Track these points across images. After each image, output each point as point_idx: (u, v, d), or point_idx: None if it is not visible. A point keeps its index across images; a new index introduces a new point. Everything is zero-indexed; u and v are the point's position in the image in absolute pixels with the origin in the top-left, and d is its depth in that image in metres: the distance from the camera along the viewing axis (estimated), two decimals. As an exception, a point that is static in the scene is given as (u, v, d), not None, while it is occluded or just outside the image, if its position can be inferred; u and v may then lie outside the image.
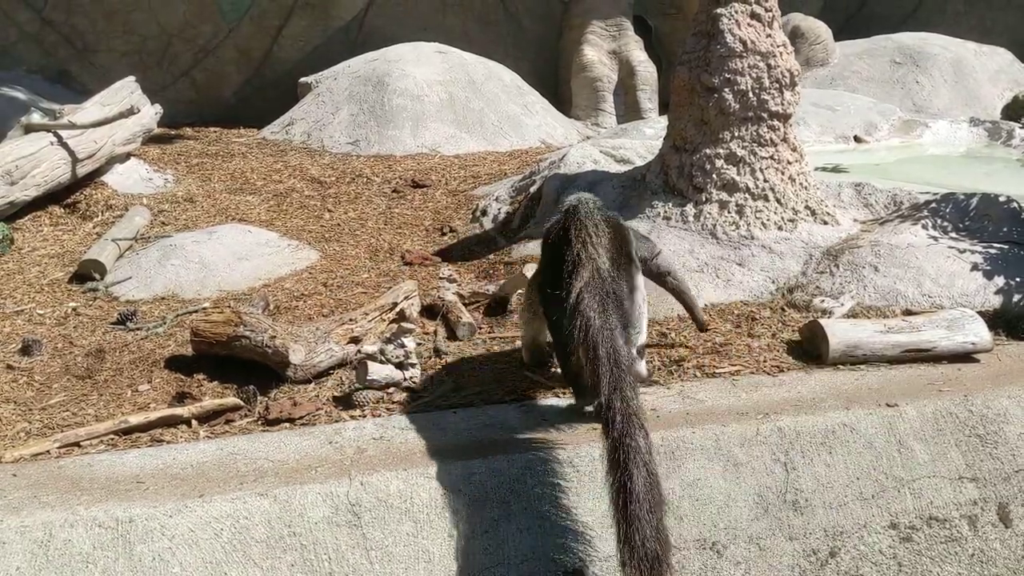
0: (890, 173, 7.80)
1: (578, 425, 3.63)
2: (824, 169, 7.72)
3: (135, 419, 3.87)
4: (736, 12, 5.31)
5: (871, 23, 13.44)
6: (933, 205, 5.57)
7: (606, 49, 11.66)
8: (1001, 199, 5.56)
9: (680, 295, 4.24)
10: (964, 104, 11.39)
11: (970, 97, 11.57)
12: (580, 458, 3.38)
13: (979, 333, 4.22)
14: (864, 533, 3.42)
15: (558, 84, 12.14)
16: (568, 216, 3.60)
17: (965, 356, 4.23)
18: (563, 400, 3.89)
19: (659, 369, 4.24)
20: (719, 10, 5.33)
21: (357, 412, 3.86)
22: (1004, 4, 13.99)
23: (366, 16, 11.84)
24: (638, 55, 11.52)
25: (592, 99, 11.43)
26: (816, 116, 8.83)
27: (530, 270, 4.90)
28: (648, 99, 11.39)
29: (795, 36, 11.72)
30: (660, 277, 4.16)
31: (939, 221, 5.43)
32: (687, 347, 4.44)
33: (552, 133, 10.11)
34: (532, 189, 6.42)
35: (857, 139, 8.58)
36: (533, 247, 5.79)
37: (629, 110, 11.38)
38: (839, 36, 12.50)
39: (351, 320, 4.39)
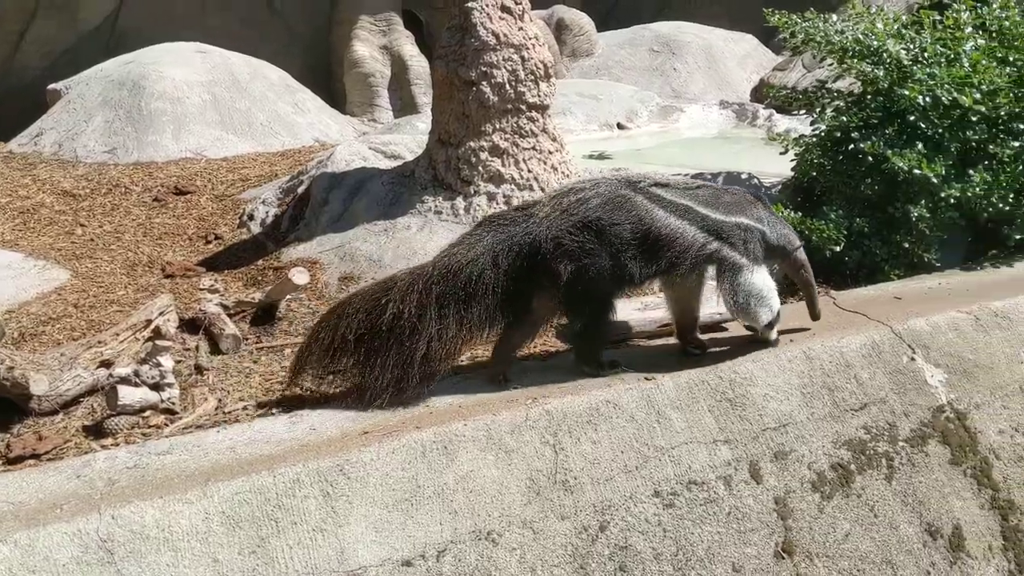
0: (650, 157, 8.23)
1: (349, 431, 3.56)
2: (591, 156, 8.03)
3: None
4: (487, 6, 5.39)
5: (630, 13, 14.13)
6: (685, 185, 5.90)
7: (377, 44, 11.59)
8: (743, 176, 5.98)
9: (807, 288, 4.24)
10: (718, 88, 12.19)
11: (722, 81, 12.40)
12: (351, 464, 3.31)
13: (727, 303, 4.49)
14: (631, 504, 3.56)
15: (331, 81, 11.95)
16: None
17: (715, 326, 4.49)
18: (334, 408, 3.80)
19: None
20: (470, 4, 5.40)
21: (110, 441, 3.61)
22: (747, -7, 15.08)
23: (118, 17, 11.18)
24: (410, 49, 11.52)
25: (366, 95, 11.34)
26: (582, 106, 9.17)
27: (298, 275, 4.77)
28: (423, 93, 11.42)
29: (560, 28, 12.12)
30: (791, 266, 4.21)
31: (691, 200, 5.76)
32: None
33: (327, 131, 9.93)
34: (300, 190, 6.26)
35: (620, 126, 8.99)
36: (303, 249, 5.65)
37: (405, 104, 11.38)
38: (602, 27, 13.05)
39: (100, 342, 4.10)
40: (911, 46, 5.29)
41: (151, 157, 8.42)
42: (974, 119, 4.95)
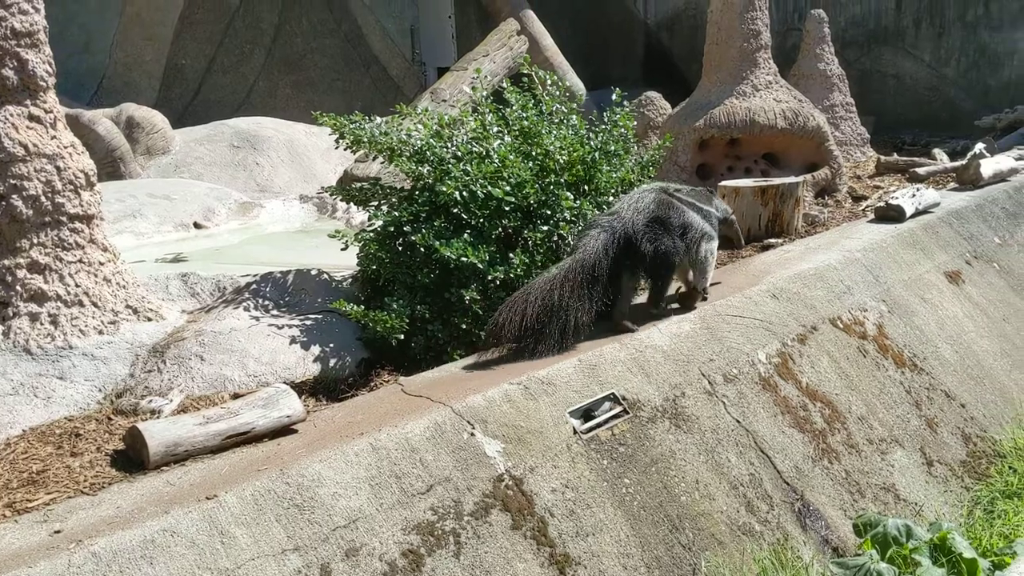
0: (230, 255, 8.07)
1: None
2: (165, 259, 7.70)
3: None
4: (12, 116, 4.97)
5: (209, 110, 13.90)
6: (254, 286, 5.84)
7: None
8: (313, 272, 6.06)
9: (736, 232, 6.26)
10: (304, 181, 12.33)
11: (308, 174, 12.57)
12: None
13: (292, 406, 4.47)
14: (194, 637, 3.36)
15: None
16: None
17: (284, 430, 4.45)
18: None
19: (-42, 520, 3.72)
20: (-10, 113, 4.95)
21: None
22: (327, 88, 15.58)
23: None
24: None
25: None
26: (153, 206, 8.78)
27: None
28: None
29: (131, 126, 11.57)
30: (729, 227, 6.11)
31: (261, 301, 5.72)
32: (-6, 486, 3.97)
33: None
34: None
35: (197, 225, 8.73)
36: None
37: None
38: (178, 124, 12.68)
39: None
40: (449, 145, 5.75)
41: None
42: (508, 209, 5.49)
